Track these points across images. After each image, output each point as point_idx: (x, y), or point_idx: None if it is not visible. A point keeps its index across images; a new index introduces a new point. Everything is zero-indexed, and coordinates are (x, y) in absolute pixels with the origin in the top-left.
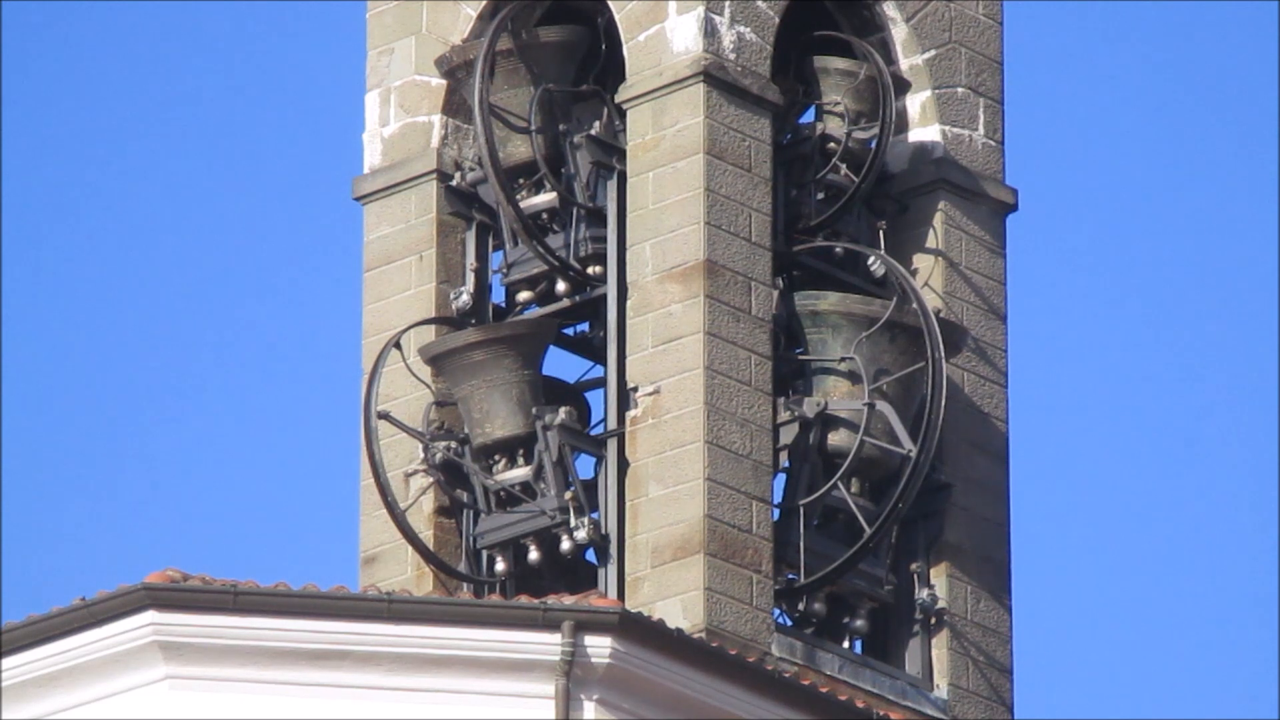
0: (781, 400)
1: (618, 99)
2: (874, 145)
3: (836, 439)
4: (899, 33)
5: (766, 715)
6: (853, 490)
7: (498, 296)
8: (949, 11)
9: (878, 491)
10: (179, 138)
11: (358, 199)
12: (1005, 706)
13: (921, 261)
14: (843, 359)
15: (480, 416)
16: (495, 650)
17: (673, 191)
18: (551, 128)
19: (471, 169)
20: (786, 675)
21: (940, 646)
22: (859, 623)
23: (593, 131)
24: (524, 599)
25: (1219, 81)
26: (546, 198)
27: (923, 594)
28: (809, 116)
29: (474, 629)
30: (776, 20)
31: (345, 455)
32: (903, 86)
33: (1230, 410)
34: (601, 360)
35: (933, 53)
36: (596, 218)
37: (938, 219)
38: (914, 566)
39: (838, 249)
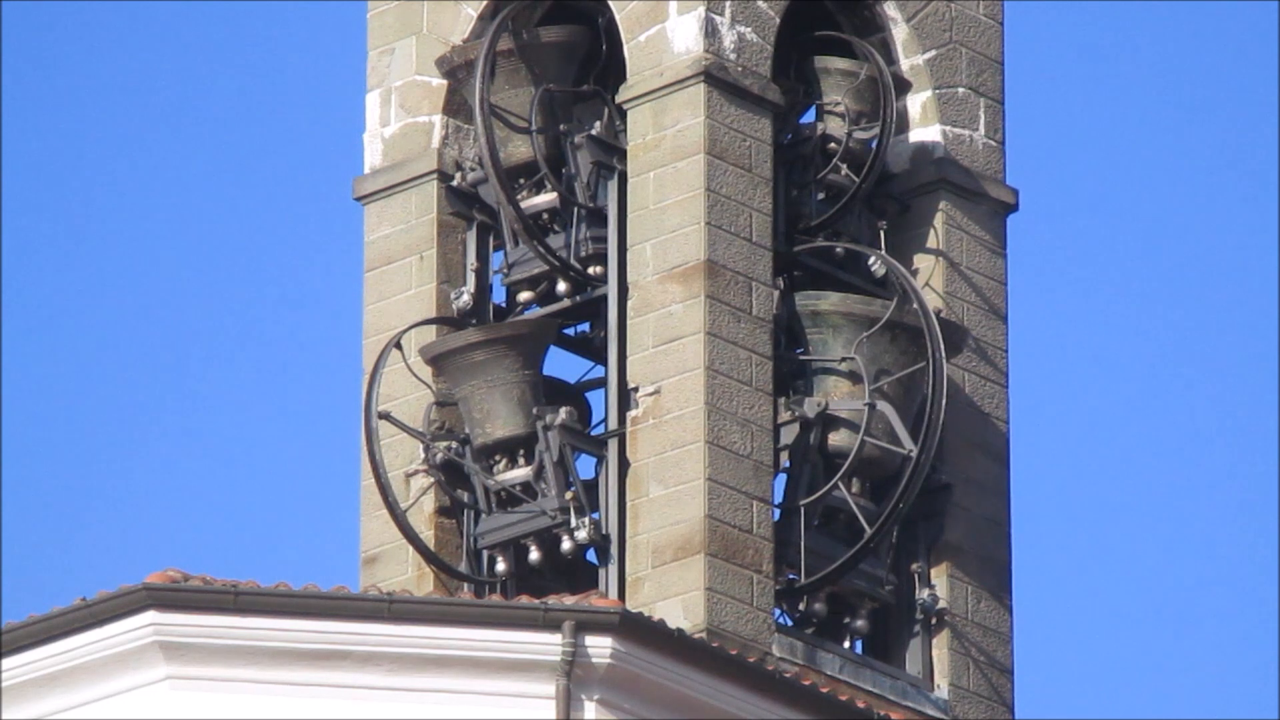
0: (782, 400)
1: (618, 99)
2: (875, 145)
3: (837, 439)
4: (899, 33)
5: (767, 715)
6: (853, 490)
7: (498, 296)
8: (949, 11)
9: (878, 491)
10: (179, 138)
11: (358, 199)
12: (1006, 706)
13: (922, 261)
14: (843, 359)
15: (481, 416)
16: (496, 650)
17: (673, 191)
18: (552, 128)
19: (472, 169)
20: (787, 675)
21: (941, 647)
22: (860, 623)
23: (593, 131)
24: (525, 599)
25: (1219, 81)
26: (547, 198)
27: (923, 594)
28: (810, 116)
29: (474, 629)
30: (777, 20)
31: (346, 455)
32: (903, 86)
33: (1230, 410)
34: (602, 360)
35: (933, 53)
36: (597, 218)
37: (938, 219)
38: (914, 567)
39: (838, 249)
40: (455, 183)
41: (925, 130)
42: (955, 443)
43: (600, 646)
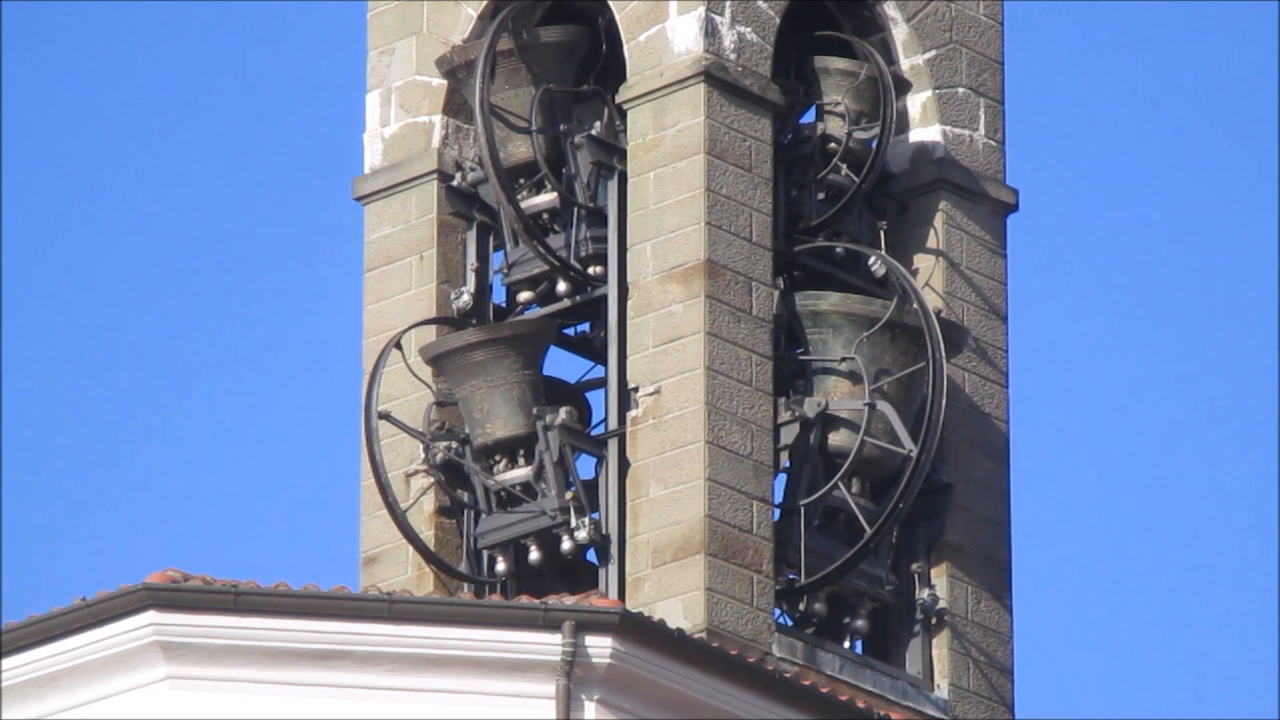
0: (782, 400)
1: (618, 99)
2: (875, 145)
3: (837, 439)
4: (900, 33)
5: (767, 715)
6: (853, 490)
7: (498, 297)
8: (949, 11)
9: (878, 491)
10: (179, 138)
11: (358, 199)
12: (1006, 706)
13: (922, 261)
14: (843, 359)
15: (481, 417)
16: (496, 650)
17: (673, 191)
18: (552, 128)
19: (472, 169)
20: (787, 675)
21: (941, 646)
22: (860, 623)
23: (593, 131)
24: (525, 599)
25: (1219, 81)
26: (547, 198)
27: (923, 594)
28: (810, 116)
29: (474, 629)
30: (777, 20)
31: (346, 455)
32: (903, 86)
33: (1230, 410)
34: (602, 360)
35: (933, 53)
36: (597, 218)
37: (938, 219)
38: (915, 566)
39: (838, 249)
40: (455, 183)
41: (925, 130)
42: (955, 443)
43: (600, 646)
